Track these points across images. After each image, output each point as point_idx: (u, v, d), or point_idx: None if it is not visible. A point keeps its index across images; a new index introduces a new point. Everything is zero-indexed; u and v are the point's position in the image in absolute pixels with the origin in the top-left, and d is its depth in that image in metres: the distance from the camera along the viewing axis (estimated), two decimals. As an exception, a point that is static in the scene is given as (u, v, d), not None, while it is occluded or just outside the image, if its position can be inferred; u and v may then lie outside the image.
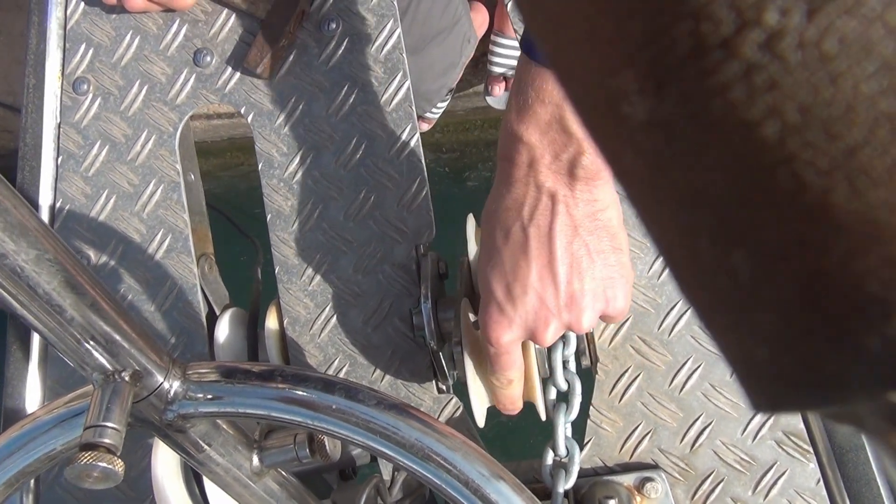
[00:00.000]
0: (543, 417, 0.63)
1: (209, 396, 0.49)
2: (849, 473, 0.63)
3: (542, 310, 0.53)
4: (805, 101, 0.12)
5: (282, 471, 0.58)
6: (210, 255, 0.80)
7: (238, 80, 0.77)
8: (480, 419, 0.62)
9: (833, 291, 0.13)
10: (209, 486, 0.58)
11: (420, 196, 0.72)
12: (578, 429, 0.66)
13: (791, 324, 0.14)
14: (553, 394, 0.64)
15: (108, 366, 0.44)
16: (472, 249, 0.66)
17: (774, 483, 0.65)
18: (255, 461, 0.55)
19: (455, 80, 1.50)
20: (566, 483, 0.64)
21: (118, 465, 0.42)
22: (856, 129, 0.12)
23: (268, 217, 0.74)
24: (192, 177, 0.80)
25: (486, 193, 0.57)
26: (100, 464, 0.41)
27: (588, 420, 0.68)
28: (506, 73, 1.59)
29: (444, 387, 0.71)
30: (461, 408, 0.71)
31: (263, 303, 0.76)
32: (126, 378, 0.44)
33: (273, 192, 0.74)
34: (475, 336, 0.60)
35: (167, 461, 0.58)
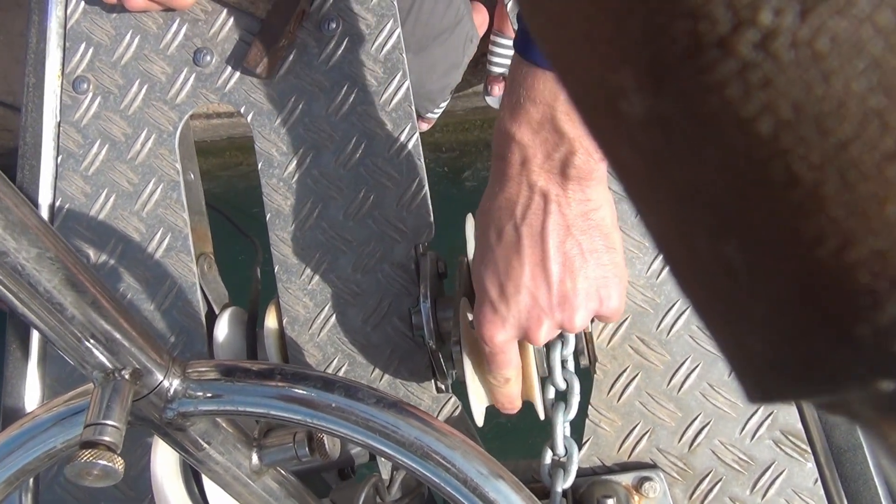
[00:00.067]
0: (542, 417, 0.63)
1: (209, 395, 0.49)
2: (846, 473, 0.64)
3: (535, 309, 0.53)
4: (798, 98, 0.13)
5: (281, 469, 0.58)
6: (209, 255, 0.80)
7: (238, 80, 0.77)
8: (479, 418, 0.62)
9: (825, 282, 0.13)
10: (208, 485, 0.58)
11: (419, 196, 0.72)
12: (577, 428, 0.66)
13: (785, 314, 0.14)
14: (552, 393, 0.64)
15: (109, 364, 0.44)
16: (472, 249, 0.66)
17: (772, 482, 0.65)
18: (255, 460, 0.55)
19: (457, 80, 1.50)
20: (565, 482, 0.64)
21: (118, 463, 0.42)
22: (847, 125, 0.12)
23: (267, 216, 0.74)
24: (192, 176, 0.80)
25: (485, 193, 0.57)
26: (100, 462, 0.41)
27: (587, 419, 0.68)
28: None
29: (443, 386, 0.71)
30: (460, 407, 0.71)
31: (263, 302, 0.76)
32: (126, 376, 0.44)
33: (273, 192, 0.75)
34: (474, 335, 0.60)
35: (166, 460, 0.58)
